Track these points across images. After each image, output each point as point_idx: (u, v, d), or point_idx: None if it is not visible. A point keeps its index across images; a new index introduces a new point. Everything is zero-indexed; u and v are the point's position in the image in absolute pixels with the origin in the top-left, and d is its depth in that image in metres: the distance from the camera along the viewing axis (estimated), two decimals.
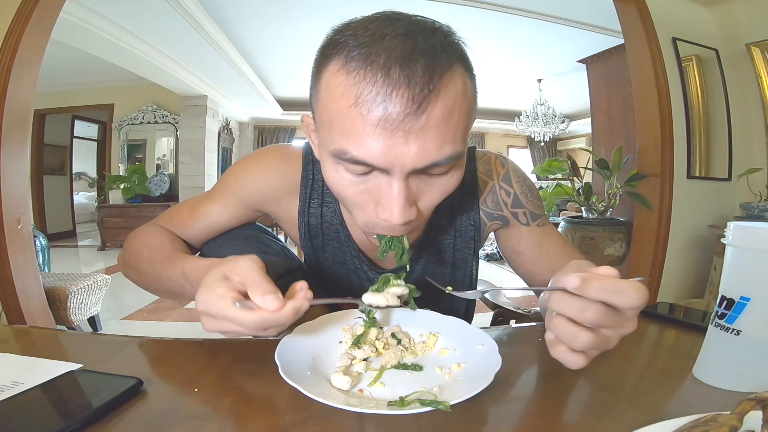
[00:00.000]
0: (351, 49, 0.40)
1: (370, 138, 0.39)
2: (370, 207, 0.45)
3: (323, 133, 0.45)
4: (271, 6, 3.32)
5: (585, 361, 0.36)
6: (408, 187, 0.43)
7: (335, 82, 0.41)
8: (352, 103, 0.39)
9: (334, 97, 0.41)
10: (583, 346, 0.35)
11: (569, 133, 7.37)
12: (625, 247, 2.20)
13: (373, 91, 0.38)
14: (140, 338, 0.55)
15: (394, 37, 0.39)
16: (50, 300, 1.90)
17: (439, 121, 0.39)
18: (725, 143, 2.22)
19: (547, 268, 0.66)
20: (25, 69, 1.60)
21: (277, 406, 0.40)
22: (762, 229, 0.41)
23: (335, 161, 0.44)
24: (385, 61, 0.38)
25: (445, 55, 0.40)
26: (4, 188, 1.56)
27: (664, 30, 2.05)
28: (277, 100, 6.32)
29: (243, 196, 0.65)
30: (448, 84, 0.40)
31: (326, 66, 0.42)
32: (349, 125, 0.40)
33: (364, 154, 0.40)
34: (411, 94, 0.38)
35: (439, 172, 0.44)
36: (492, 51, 4.31)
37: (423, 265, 0.69)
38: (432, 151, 0.40)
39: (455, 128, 0.41)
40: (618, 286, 0.34)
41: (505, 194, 0.66)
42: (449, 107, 0.40)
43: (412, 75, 0.38)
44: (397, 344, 0.50)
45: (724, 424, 0.27)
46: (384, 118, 0.38)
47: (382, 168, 0.41)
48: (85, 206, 6.87)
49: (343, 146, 0.41)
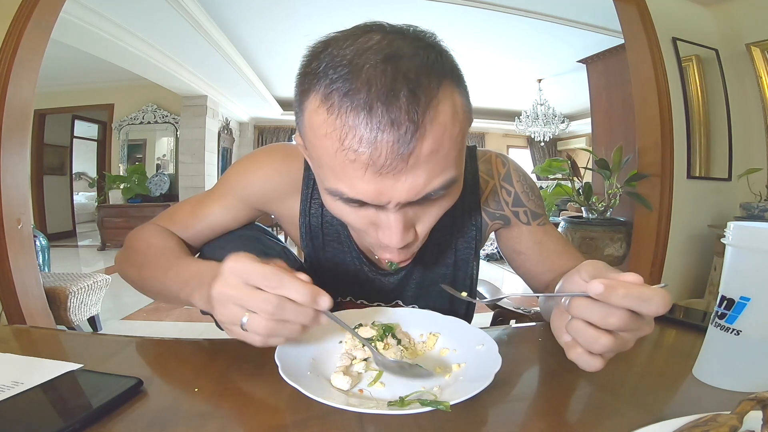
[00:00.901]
0: (330, 82, 0.38)
1: (360, 180, 0.39)
2: (371, 230, 0.46)
3: (315, 168, 0.45)
4: (273, 7, 3.32)
5: (602, 363, 0.36)
6: (405, 215, 0.43)
7: (318, 120, 0.39)
8: (338, 147, 0.38)
9: (318, 137, 0.40)
10: (603, 349, 0.35)
11: (569, 133, 7.37)
12: (625, 247, 2.20)
13: (357, 136, 0.37)
14: (140, 338, 0.55)
15: (373, 65, 0.37)
16: (50, 300, 1.90)
17: (429, 156, 0.38)
18: (725, 143, 2.22)
19: (547, 268, 0.66)
20: (25, 69, 1.60)
21: (277, 406, 0.40)
22: (762, 229, 0.41)
23: (332, 198, 0.44)
24: (366, 97, 0.36)
25: (428, 78, 0.38)
26: (4, 188, 1.56)
27: (664, 30, 2.05)
28: (277, 100, 6.32)
29: (244, 195, 0.65)
30: (435, 116, 0.38)
31: (307, 97, 0.41)
32: (340, 168, 0.39)
33: (357, 194, 0.40)
34: (396, 136, 0.36)
35: (434, 197, 0.43)
36: (492, 51, 4.31)
37: (425, 265, 0.69)
38: (423, 185, 0.40)
39: (446, 158, 0.40)
40: (645, 294, 0.33)
41: (506, 193, 0.66)
42: (438, 140, 0.38)
43: (396, 113, 0.36)
44: (398, 344, 0.50)
45: (724, 424, 0.27)
46: (372, 163, 0.37)
47: (375, 205, 0.42)
48: (85, 206, 6.87)
49: (336, 187, 0.41)
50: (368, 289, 0.70)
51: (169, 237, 0.63)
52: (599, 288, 0.33)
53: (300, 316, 0.38)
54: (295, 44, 4.03)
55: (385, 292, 0.70)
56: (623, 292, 0.33)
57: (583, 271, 0.38)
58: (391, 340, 0.50)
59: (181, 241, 0.65)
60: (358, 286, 0.69)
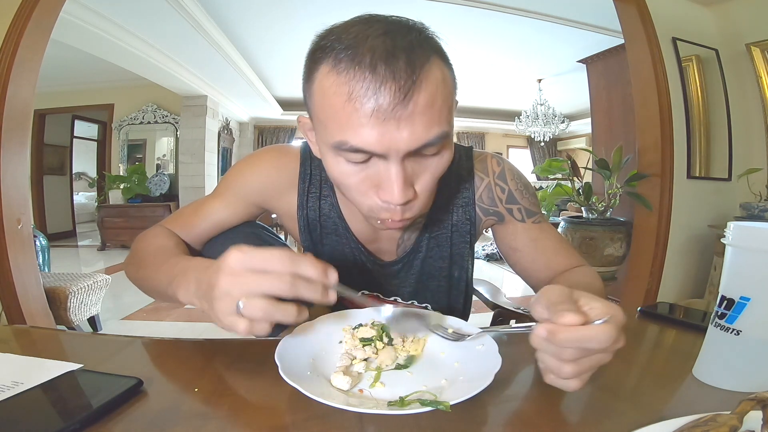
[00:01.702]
0: (338, 52, 0.44)
1: (365, 128, 0.43)
2: (371, 193, 0.49)
3: (321, 130, 0.48)
4: (273, 7, 3.32)
5: (579, 383, 0.37)
6: (404, 169, 0.46)
7: (327, 83, 0.44)
8: (346, 99, 0.43)
9: (328, 96, 0.44)
10: (570, 375, 0.36)
11: (569, 133, 7.37)
12: (625, 247, 2.20)
13: (364, 87, 0.42)
14: (140, 338, 0.55)
15: (375, 37, 0.43)
16: (50, 300, 1.90)
17: (425, 108, 0.43)
18: (725, 143, 2.22)
19: (543, 265, 0.68)
20: (25, 69, 1.60)
21: (277, 406, 0.40)
22: (762, 229, 0.41)
23: (335, 153, 0.47)
24: (371, 59, 0.42)
25: (421, 49, 0.44)
26: (4, 188, 1.56)
27: (664, 30, 2.05)
28: (277, 100, 6.32)
29: (243, 193, 0.68)
30: (428, 75, 0.44)
31: (317, 69, 0.46)
32: (345, 119, 0.43)
33: (361, 142, 0.44)
34: (397, 86, 0.42)
35: (430, 152, 0.47)
36: (492, 51, 4.32)
37: (422, 260, 0.70)
38: (422, 133, 0.44)
39: (440, 112, 0.45)
40: (584, 336, 0.34)
41: (500, 190, 0.68)
42: (432, 94, 0.44)
43: (396, 69, 0.42)
44: (390, 342, 0.50)
45: (724, 424, 0.27)
46: (376, 109, 0.42)
47: (379, 154, 0.44)
48: (85, 206, 6.86)
49: (342, 138, 0.44)
50: (368, 280, 0.72)
51: (168, 237, 0.64)
52: (543, 333, 0.35)
53: (311, 292, 0.39)
54: (295, 44, 4.04)
55: (385, 283, 0.72)
56: (563, 336, 0.34)
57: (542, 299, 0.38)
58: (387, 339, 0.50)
59: (181, 241, 0.66)
60: (358, 278, 0.71)
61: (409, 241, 0.69)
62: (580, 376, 0.36)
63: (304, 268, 0.38)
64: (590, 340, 0.34)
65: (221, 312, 0.39)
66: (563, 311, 0.34)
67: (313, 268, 0.39)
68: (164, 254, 0.57)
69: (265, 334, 0.40)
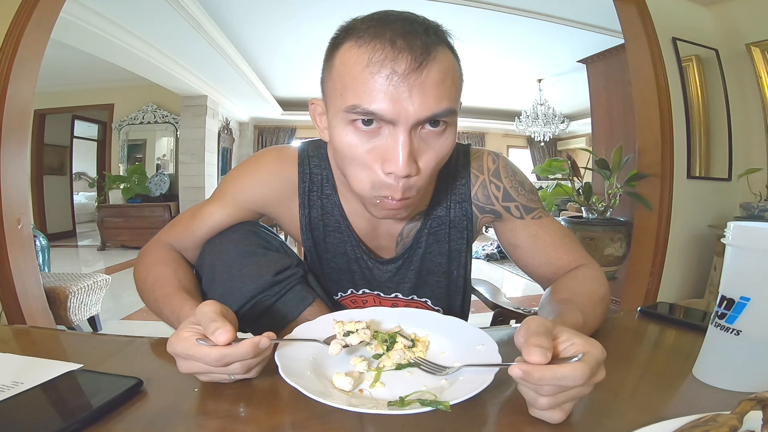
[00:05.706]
0: (360, 30, 0.49)
1: (379, 92, 0.46)
2: (376, 165, 0.51)
3: (336, 99, 0.51)
4: (273, 8, 3.31)
5: (562, 414, 0.37)
6: (411, 141, 0.49)
7: (349, 55, 0.49)
8: (364, 65, 0.47)
9: (348, 66, 0.49)
10: (545, 407, 0.36)
11: (569, 133, 7.37)
12: (625, 247, 2.20)
13: (382, 55, 0.46)
14: (140, 338, 0.55)
15: (395, 20, 0.48)
16: (50, 300, 1.90)
17: (436, 81, 0.47)
18: (725, 143, 2.22)
19: (544, 261, 0.68)
20: (25, 69, 1.60)
21: (277, 406, 0.40)
22: (762, 229, 0.41)
23: (346, 124, 0.50)
24: (391, 35, 0.47)
25: (437, 37, 0.49)
26: (4, 188, 1.56)
27: (664, 30, 2.05)
28: (277, 100, 6.32)
29: (242, 200, 0.68)
30: (441, 55, 0.48)
31: (339, 47, 0.50)
32: (362, 83, 0.47)
33: (374, 106, 0.47)
34: (413, 56, 0.46)
35: (437, 130, 0.50)
36: (492, 51, 4.31)
37: (421, 255, 0.71)
38: (432, 104, 0.47)
39: (449, 89, 0.49)
40: (557, 374, 0.34)
41: (495, 188, 0.69)
42: (444, 71, 0.48)
43: (413, 44, 0.46)
44: (393, 344, 0.50)
45: (724, 424, 0.27)
46: (391, 74, 0.46)
47: (389, 119, 0.47)
48: (85, 206, 6.86)
49: (356, 101, 0.48)
50: (368, 277, 0.72)
51: (170, 264, 0.65)
52: (518, 374, 0.35)
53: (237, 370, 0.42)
54: (296, 45, 4.05)
55: (385, 281, 0.73)
56: (537, 376, 0.34)
57: (522, 330, 0.38)
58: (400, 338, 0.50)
59: (183, 263, 0.67)
60: (359, 275, 0.72)
61: (408, 238, 0.70)
62: (561, 407, 0.37)
63: (205, 359, 0.40)
64: (563, 378, 0.34)
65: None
66: (533, 348, 0.35)
67: (230, 355, 0.40)
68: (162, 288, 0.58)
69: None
